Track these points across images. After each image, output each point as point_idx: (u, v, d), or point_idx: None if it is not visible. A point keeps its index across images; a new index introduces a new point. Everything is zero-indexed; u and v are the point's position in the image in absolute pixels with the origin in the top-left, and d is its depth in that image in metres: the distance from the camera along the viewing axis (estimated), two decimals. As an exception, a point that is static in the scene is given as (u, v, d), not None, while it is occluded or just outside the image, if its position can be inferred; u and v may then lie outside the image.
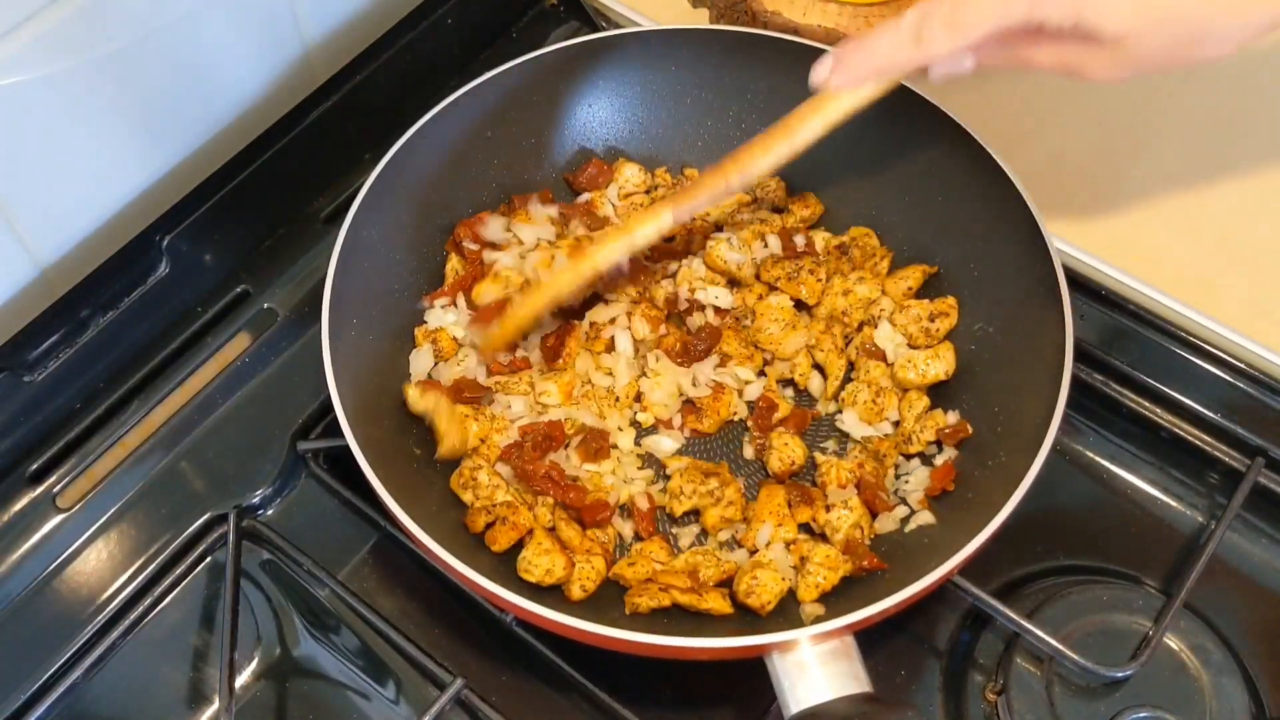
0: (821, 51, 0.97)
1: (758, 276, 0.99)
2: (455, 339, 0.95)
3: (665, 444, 0.92)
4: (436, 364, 0.94)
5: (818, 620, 0.78)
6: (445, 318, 0.96)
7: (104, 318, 0.96)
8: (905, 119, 0.96)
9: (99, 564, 0.89)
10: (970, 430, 0.89)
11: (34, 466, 0.93)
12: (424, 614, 0.88)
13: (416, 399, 0.91)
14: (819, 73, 0.80)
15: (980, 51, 0.76)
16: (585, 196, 1.04)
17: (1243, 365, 0.95)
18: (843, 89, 0.80)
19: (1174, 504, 0.93)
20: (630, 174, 1.03)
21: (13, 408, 0.92)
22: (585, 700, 0.84)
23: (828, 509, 0.86)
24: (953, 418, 0.91)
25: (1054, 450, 0.79)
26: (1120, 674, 0.82)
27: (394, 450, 0.88)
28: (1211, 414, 0.93)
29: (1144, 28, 0.71)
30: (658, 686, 0.85)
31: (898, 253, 1.00)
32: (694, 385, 0.94)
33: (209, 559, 0.91)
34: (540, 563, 0.82)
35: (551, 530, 0.86)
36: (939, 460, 0.89)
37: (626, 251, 0.90)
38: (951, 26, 0.74)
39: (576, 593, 0.83)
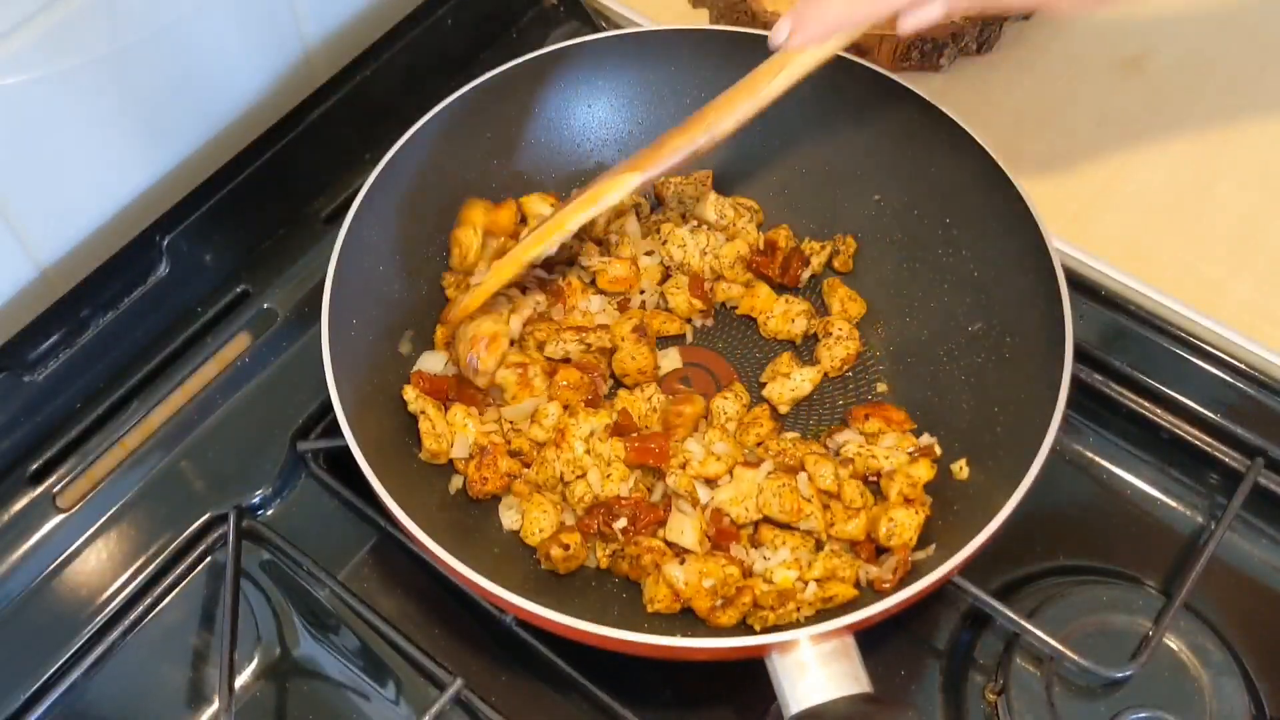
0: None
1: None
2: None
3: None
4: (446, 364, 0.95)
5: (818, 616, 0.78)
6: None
7: (104, 318, 0.96)
8: (905, 120, 0.96)
9: (99, 564, 0.89)
10: (939, 453, 0.89)
11: (34, 466, 0.93)
12: (424, 614, 0.88)
13: (413, 399, 0.91)
14: (778, 33, 0.80)
15: None
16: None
17: (1243, 365, 0.95)
18: (806, 46, 0.80)
19: (1174, 504, 0.93)
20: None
21: (13, 408, 0.92)
22: (585, 700, 0.84)
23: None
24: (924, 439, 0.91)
25: (1054, 450, 0.79)
26: (1120, 674, 0.82)
27: (394, 450, 0.88)
28: (1211, 414, 0.93)
29: None
30: (658, 686, 0.85)
31: (896, 251, 1.00)
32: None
33: (209, 559, 0.91)
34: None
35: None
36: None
37: (593, 215, 0.89)
38: None
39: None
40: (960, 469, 0.88)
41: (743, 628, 0.82)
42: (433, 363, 0.95)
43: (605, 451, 0.89)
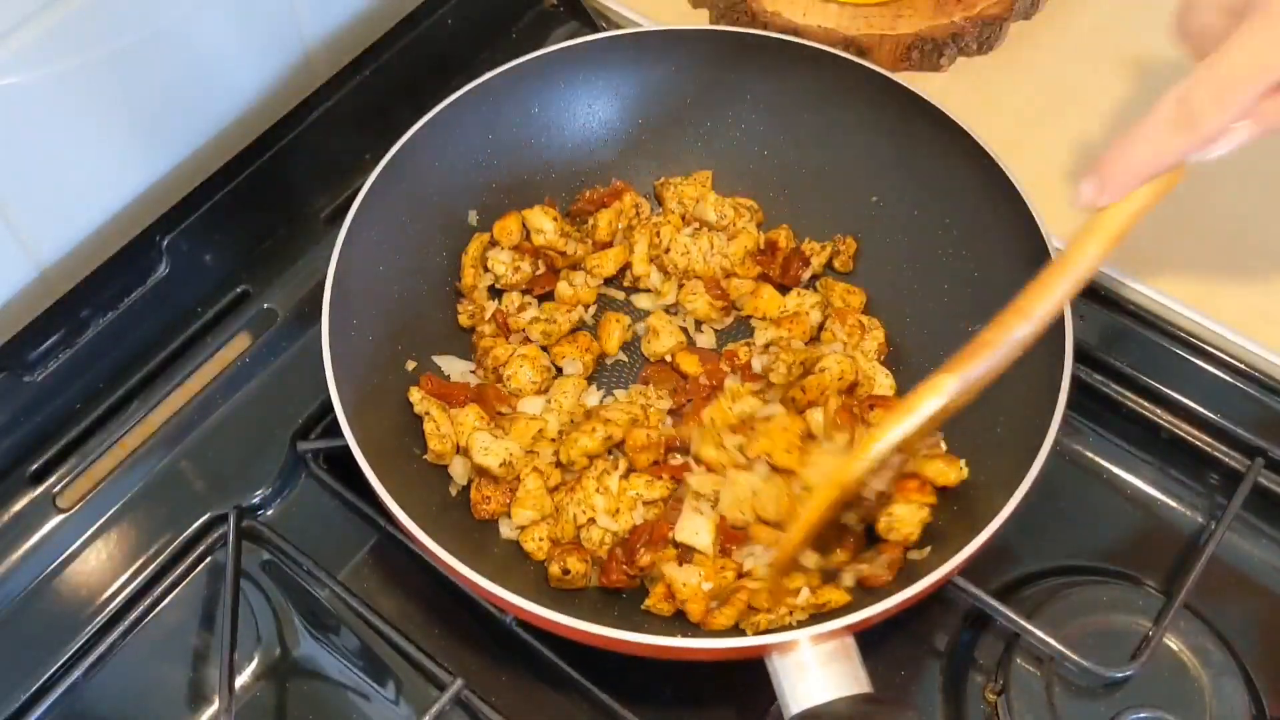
0: (822, 52, 0.99)
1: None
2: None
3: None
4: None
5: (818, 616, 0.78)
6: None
7: (104, 318, 0.96)
8: (905, 120, 0.96)
9: (99, 564, 0.89)
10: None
11: (34, 466, 0.93)
12: (424, 614, 0.88)
13: (418, 400, 0.91)
14: (1086, 194, 0.72)
15: (1259, 111, 0.68)
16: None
17: (1243, 366, 0.95)
18: (1116, 201, 0.72)
19: (1174, 504, 0.93)
20: (629, 201, 1.03)
21: (13, 408, 0.92)
22: (585, 700, 0.84)
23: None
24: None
25: (1054, 450, 0.79)
26: (1120, 674, 0.82)
27: (394, 450, 0.88)
28: (1211, 414, 0.93)
29: None
30: (658, 686, 0.85)
31: (896, 252, 1.00)
32: None
33: (209, 559, 0.91)
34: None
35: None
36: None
37: (911, 430, 0.76)
38: (1219, 98, 0.66)
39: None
40: (960, 469, 0.88)
41: (740, 630, 0.82)
42: (450, 367, 0.95)
43: (613, 485, 0.88)
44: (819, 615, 0.81)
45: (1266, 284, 0.99)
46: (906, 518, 0.84)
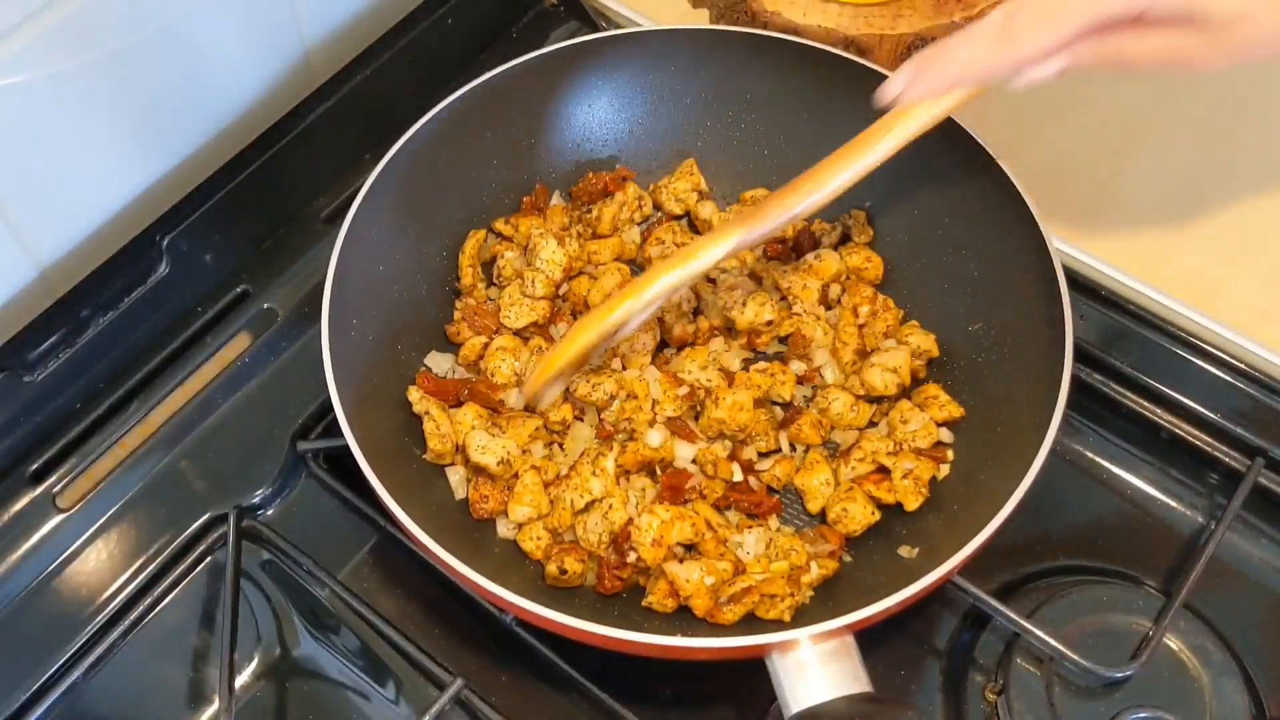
0: (822, 52, 0.99)
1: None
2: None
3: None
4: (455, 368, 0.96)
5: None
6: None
7: (104, 318, 0.96)
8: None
9: (99, 564, 0.89)
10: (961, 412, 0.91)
11: (34, 466, 0.93)
12: (424, 614, 0.88)
13: (418, 400, 0.91)
14: (894, 85, 0.74)
15: (1072, 50, 0.70)
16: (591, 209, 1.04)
17: (1243, 366, 0.95)
18: (923, 99, 0.74)
19: (1174, 504, 0.93)
20: (631, 194, 1.03)
21: (13, 408, 0.92)
22: (585, 700, 0.84)
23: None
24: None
25: (1054, 450, 0.79)
26: (1120, 674, 0.82)
27: (394, 450, 0.88)
28: (1211, 414, 0.93)
29: (1260, 8, 0.65)
30: (658, 686, 0.85)
31: (896, 252, 1.00)
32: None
33: (209, 559, 0.91)
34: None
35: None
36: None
37: (689, 279, 0.82)
38: (1043, 21, 0.67)
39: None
40: (957, 406, 0.89)
41: (743, 627, 0.82)
42: (439, 363, 0.95)
43: (608, 466, 0.88)
44: (824, 593, 0.81)
45: (1266, 284, 0.99)
46: (856, 515, 0.86)
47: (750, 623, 0.82)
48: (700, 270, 0.82)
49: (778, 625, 0.80)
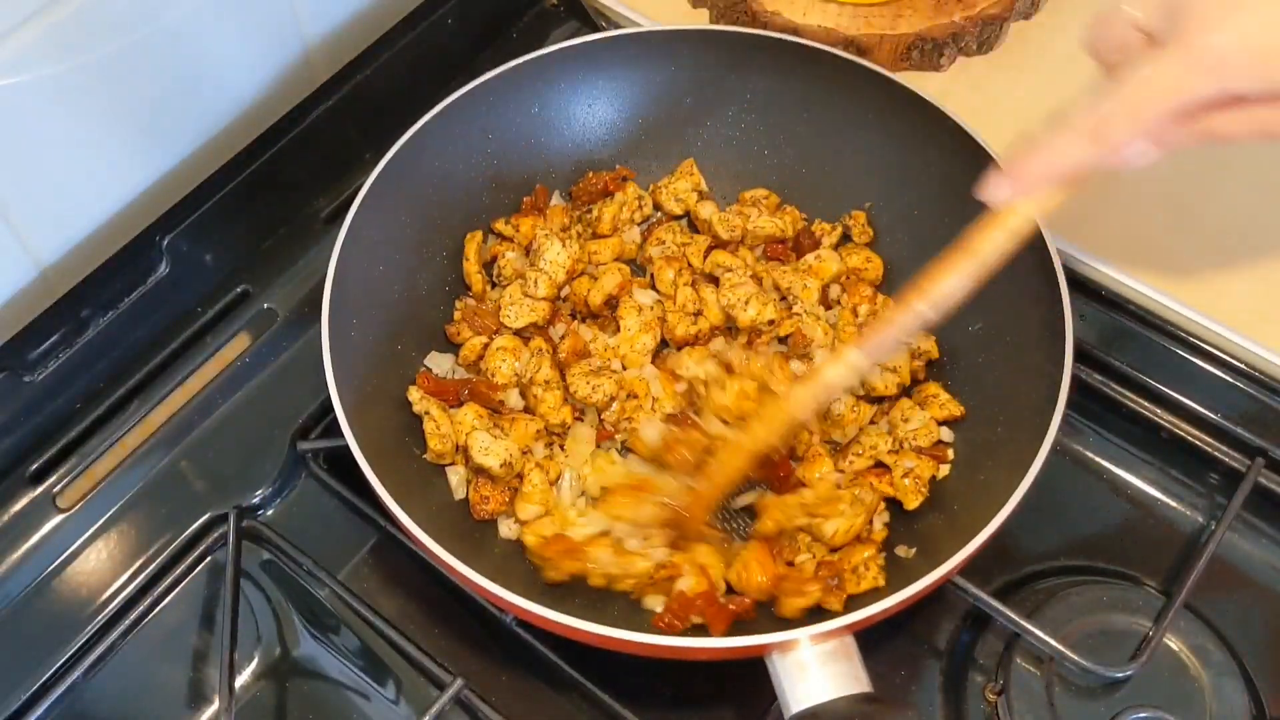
0: (822, 52, 0.99)
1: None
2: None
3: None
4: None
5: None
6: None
7: (104, 318, 0.96)
8: (905, 119, 0.96)
9: (99, 564, 0.89)
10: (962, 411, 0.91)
11: (34, 466, 0.93)
12: (424, 614, 0.88)
13: (418, 400, 0.91)
14: (995, 191, 0.75)
15: (1163, 134, 0.71)
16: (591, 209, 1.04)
17: (1243, 365, 0.95)
18: (1022, 199, 0.75)
19: (1174, 504, 0.93)
20: (631, 194, 1.03)
21: (13, 408, 0.92)
22: (585, 700, 0.84)
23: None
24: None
25: (1054, 450, 0.79)
26: (1120, 674, 0.82)
27: (394, 450, 0.88)
28: (1211, 414, 0.93)
29: None
30: (658, 686, 0.85)
31: (897, 253, 1.00)
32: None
33: (209, 559, 0.91)
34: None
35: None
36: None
37: (822, 399, 0.84)
38: (1132, 114, 0.69)
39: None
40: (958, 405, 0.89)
41: (743, 628, 0.82)
42: (439, 363, 0.95)
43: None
44: (816, 614, 0.81)
45: (1266, 284, 0.99)
46: (840, 528, 0.86)
47: (750, 622, 0.82)
48: (833, 392, 0.85)
49: (778, 625, 0.80)
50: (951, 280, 0.77)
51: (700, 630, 0.82)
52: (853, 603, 0.81)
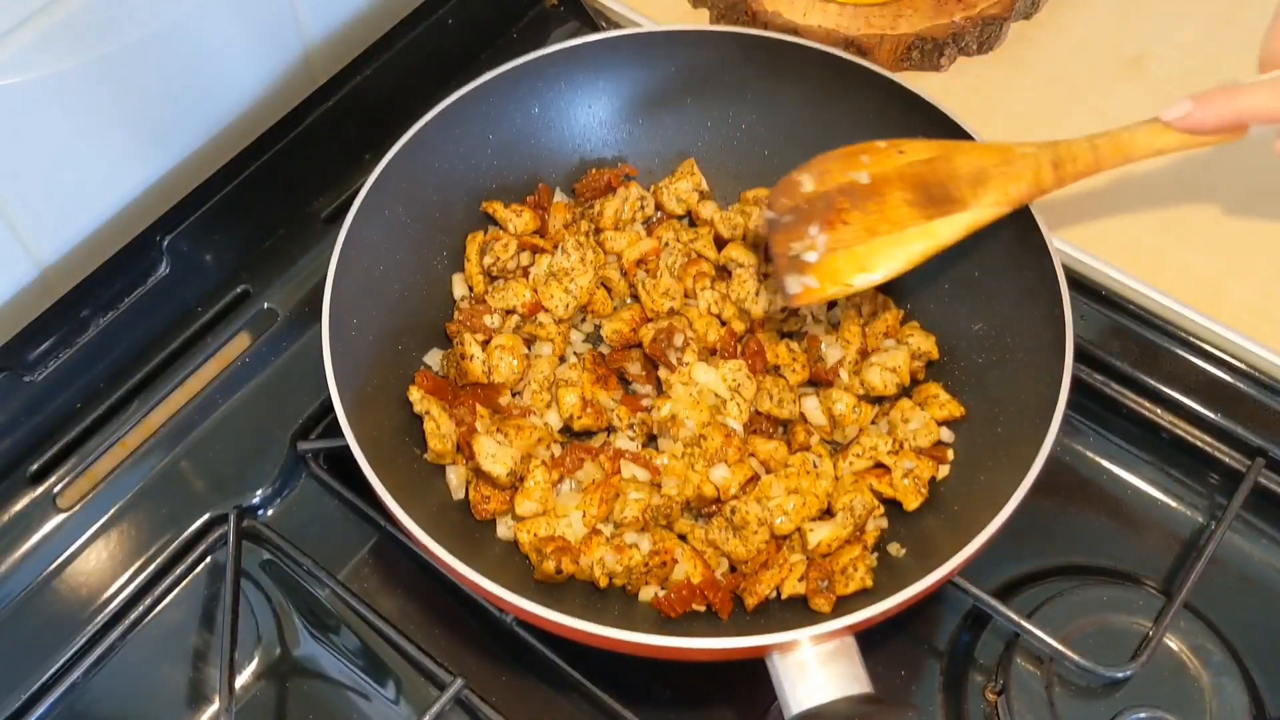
0: (822, 52, 0.99)
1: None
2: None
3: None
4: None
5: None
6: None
7: (104, 318, 0.96)
8: (905, 120, 0.96)
9: (99, 564, 0.89)
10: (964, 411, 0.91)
11: (34, 466, 0.93)
12: (424, 614, 0.88)
13: (418, 400, 0.91)
14: (1175, 109, 0.80)
15: None
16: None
17: (1243, 365, 0.95)
18: (1193, 127, 0.80)
19: (1174, 504, 0.93)
20: (634, 193, 1.03)
21: (13, 408, 0.92)
22: (585, 700, 0.84)
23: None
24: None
25: (1054, 450, 0.79)
26: (1120, 674, 0.82)
27: (394, 450, 0.88)
28: (1211, 414, 0.93)
29: None
30: (658, 686, 0.85)
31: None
32: None
33: (209, 559, 0.91)
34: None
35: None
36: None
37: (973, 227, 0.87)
38: None
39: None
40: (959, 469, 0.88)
41: (743, 628, 0.82)
42: (439, 363, 0.95)
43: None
44: (821, 616, 0.81)
45: (1266, 284, 0.99)
46: (827, 537, 0.85)
47: (751, 622, 0.82)
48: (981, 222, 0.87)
49: (778, 625, 0.80)
50: (1091, 158, 0.85)
51: (700, 630, 0.82)
52: (849, 604, 0.81)
